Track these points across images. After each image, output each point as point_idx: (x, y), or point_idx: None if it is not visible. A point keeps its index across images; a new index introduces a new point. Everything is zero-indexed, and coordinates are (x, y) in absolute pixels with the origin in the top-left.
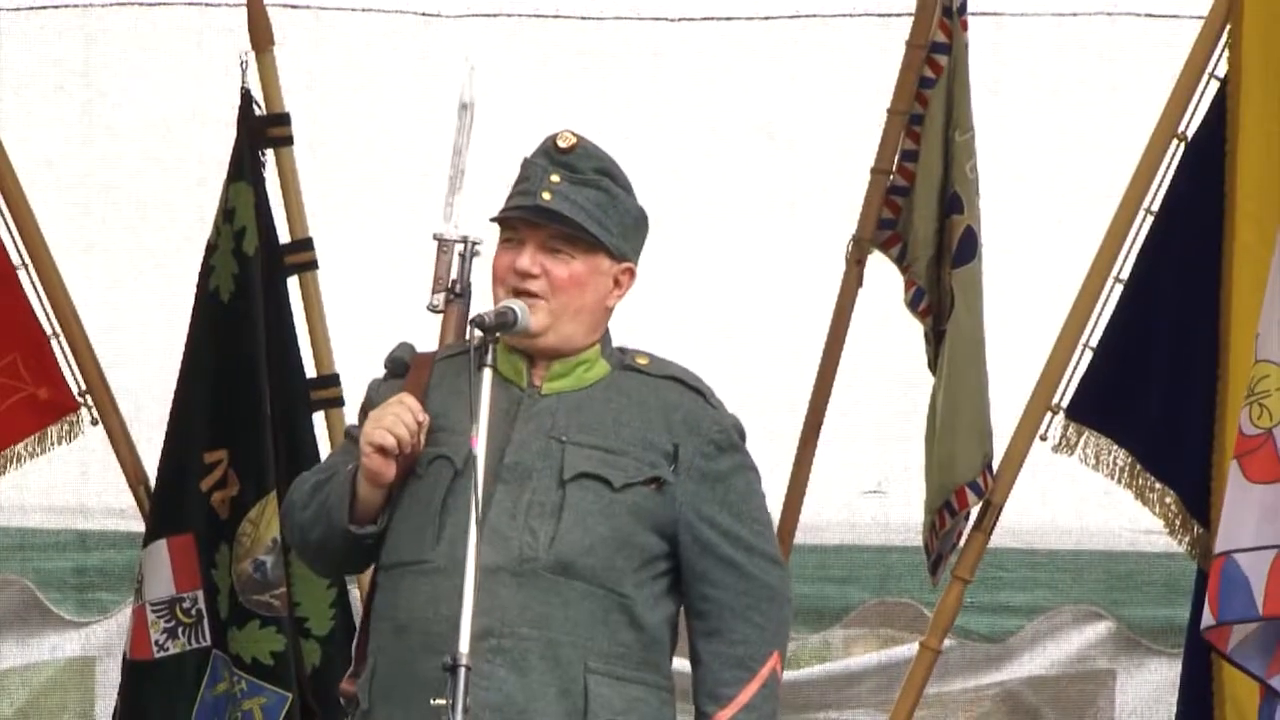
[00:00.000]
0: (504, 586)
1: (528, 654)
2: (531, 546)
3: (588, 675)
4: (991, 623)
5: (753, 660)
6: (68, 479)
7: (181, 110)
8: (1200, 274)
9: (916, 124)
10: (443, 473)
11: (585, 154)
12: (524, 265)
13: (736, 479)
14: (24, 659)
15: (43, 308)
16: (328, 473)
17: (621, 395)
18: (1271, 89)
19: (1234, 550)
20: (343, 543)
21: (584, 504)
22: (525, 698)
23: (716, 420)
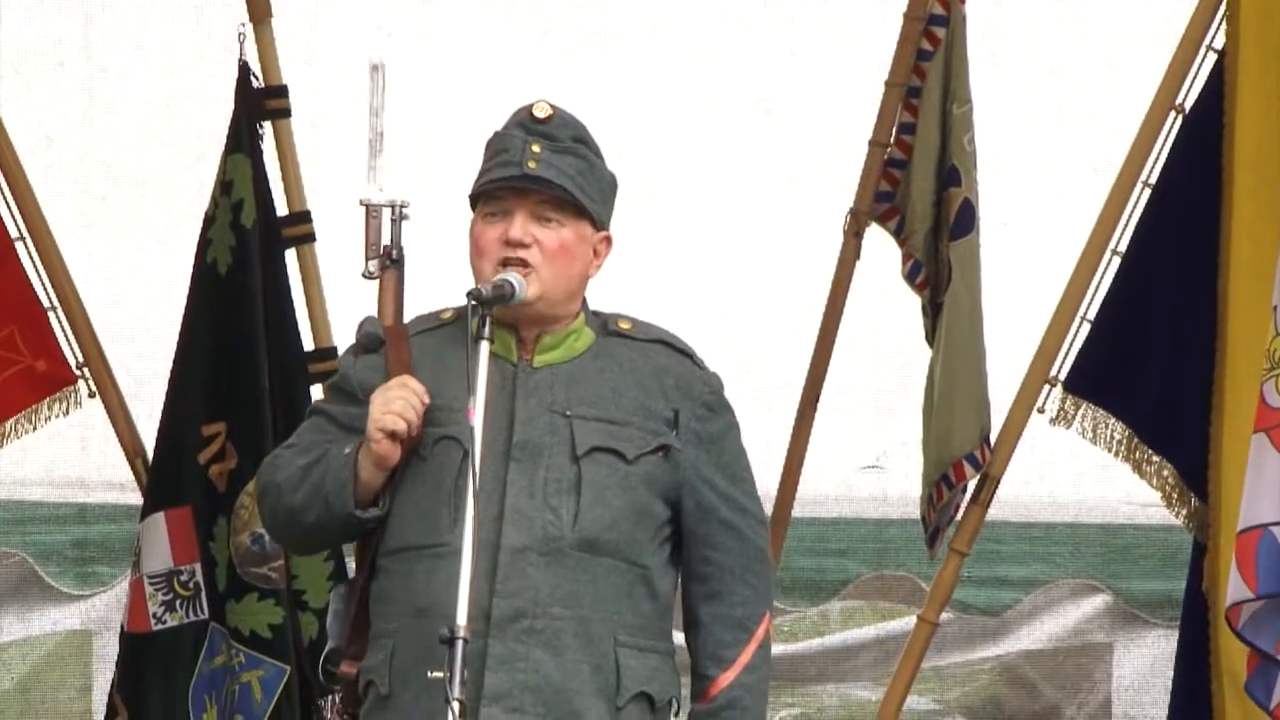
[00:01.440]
0: (532, 566)
1: (561, 633)
2: (556, 525)
3: (617, 649)
4: (989, 596)
5: (750, 621)
6: (68, 453)
7: (181, 85)
8: (1198, 247)
9: (914, 97)
10: (451, 454)
11: (563, 123)
12: (516, 235)
13: (728, 440)
14: (23, 632)
15: (40, 281)
16: (312, 455)
17: (613, 363)
18: (1270, 61)
19: (1268, 524)
20: (340, 525)
21: (600, 478)
22: (562, 677)
23: (705, 381)
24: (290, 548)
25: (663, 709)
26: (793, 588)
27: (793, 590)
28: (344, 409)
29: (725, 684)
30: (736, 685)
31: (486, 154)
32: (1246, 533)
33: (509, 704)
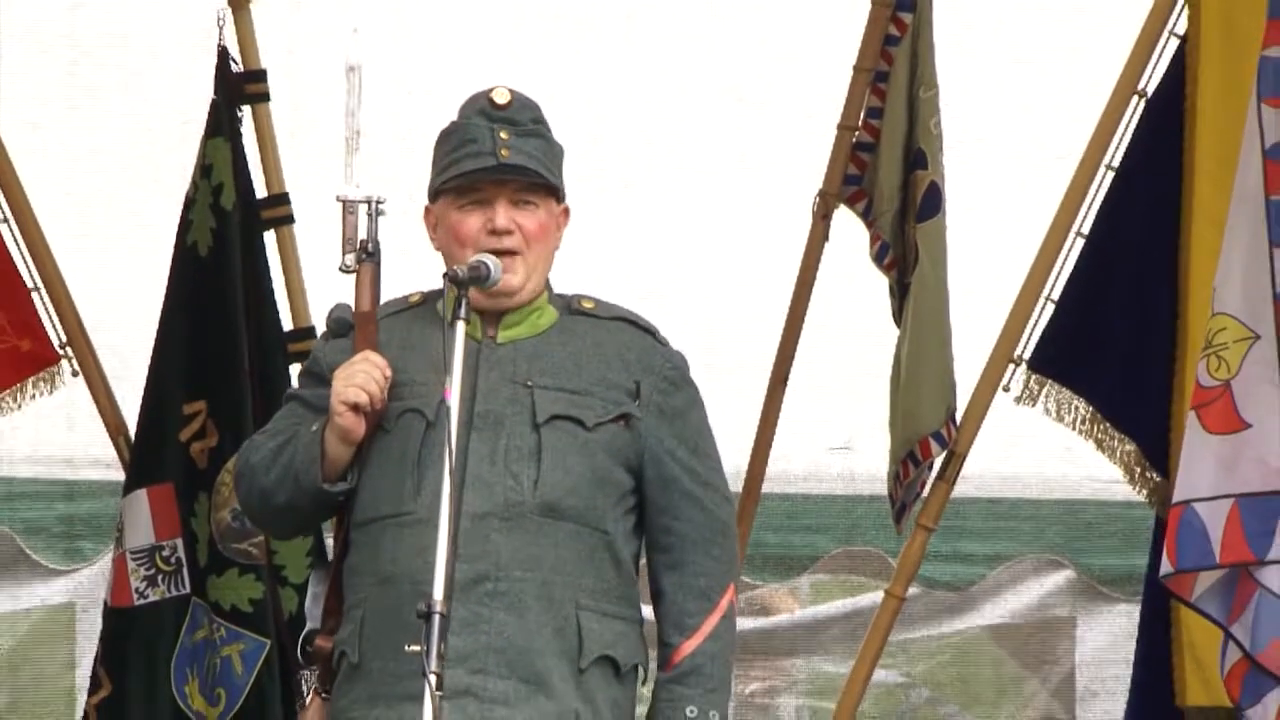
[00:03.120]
0: (494, 532)
1: (523, 595)
2: (516, 491)
3: (579, 612)
4: (954, 571)
5: (713, 591)
6: (55, 431)
7: (162, 70)
8: (1159, 229)
9: (882, 81)
10: (414, 426)
11: (522, 105)
12: (503, 224)
13: (691, 414)
14: (9, 606)
15: (24, 262)
16: (284, 436)
17: (575, 338)
18: (1230, 47)
19: (1193, 499)
20: (312, 502)
21: (560, 445)
22: (525, 638)
23: (668, 357)
24: (268, 530)
25: (628, 674)
26: (763, 564)
27: (763, 566)
28: (315, 391)
29: (688, 651)
30: (699, 653)
31: (448, 145)
32: (1175, 507)
33: (473, 665)
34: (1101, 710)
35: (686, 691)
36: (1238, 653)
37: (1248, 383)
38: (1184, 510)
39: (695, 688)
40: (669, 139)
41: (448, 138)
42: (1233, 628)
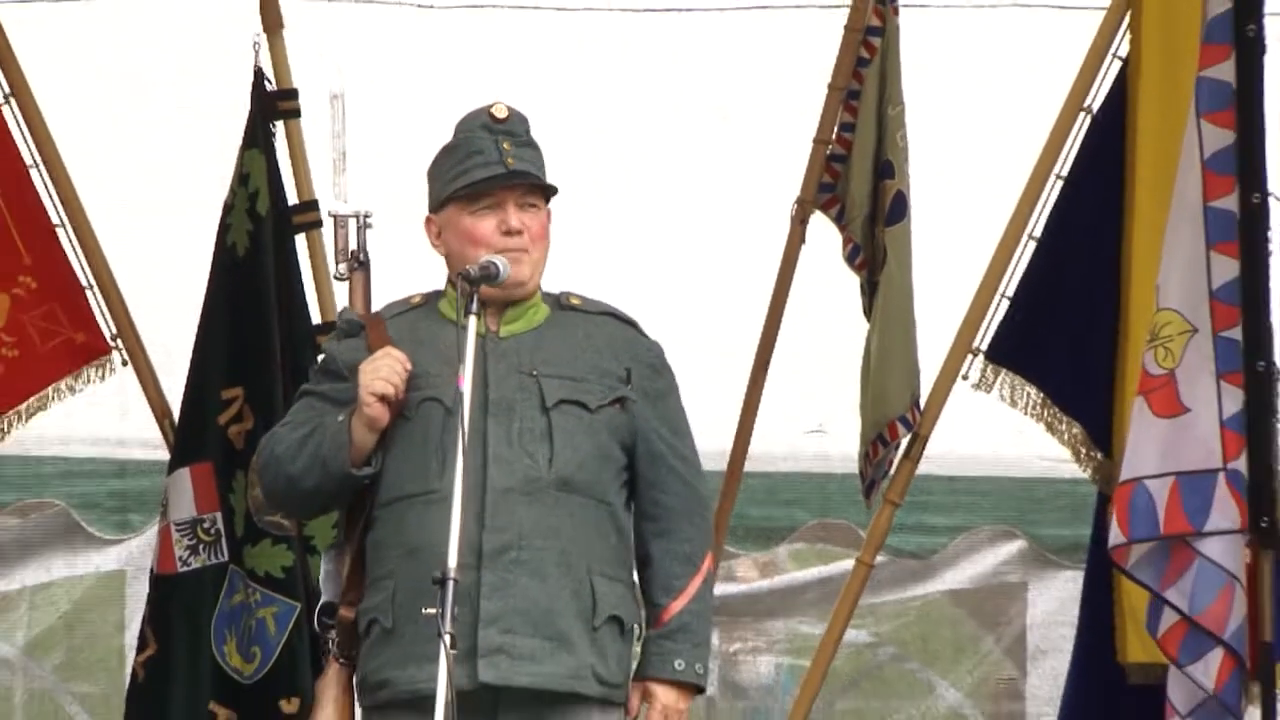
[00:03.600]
0: (518, 505)
1: (544, 563)
2: (534, 468)
3: (592, 577)
4: (918, 541)
5: (696, 557)
6: (107, 416)
7: (204, 88)
8: (1103, 232)
9: (853, 99)
10: (434, 413)
11: (517, 119)
12: (516, 224)
13: (671, 398)
14: (66, 573)
15: (79, 262)
16: (306, 428)
17: (568, 331)
18: (1168, 68)
19: (1142, 477)
20: (338, 486)
21: (568, 426)
22: (547, 601)
23: (649, 347)
24: (290, 513)
25: (629, 632)
26: (746, 535)
27: (745, 537)
28: (332, 386)
29: (676, 610)
30: (686, 612)
31: (453, 158)
32: (1124, 484)
33: (503, 626)
34: (1050, 667)
35: (675, 646)
36: (1174, 615)
37: (1189, 371)
38: (1134, 487)
39: (683, 643)
40: (663, 152)
41: (452, 152)
42: (1167, 593)
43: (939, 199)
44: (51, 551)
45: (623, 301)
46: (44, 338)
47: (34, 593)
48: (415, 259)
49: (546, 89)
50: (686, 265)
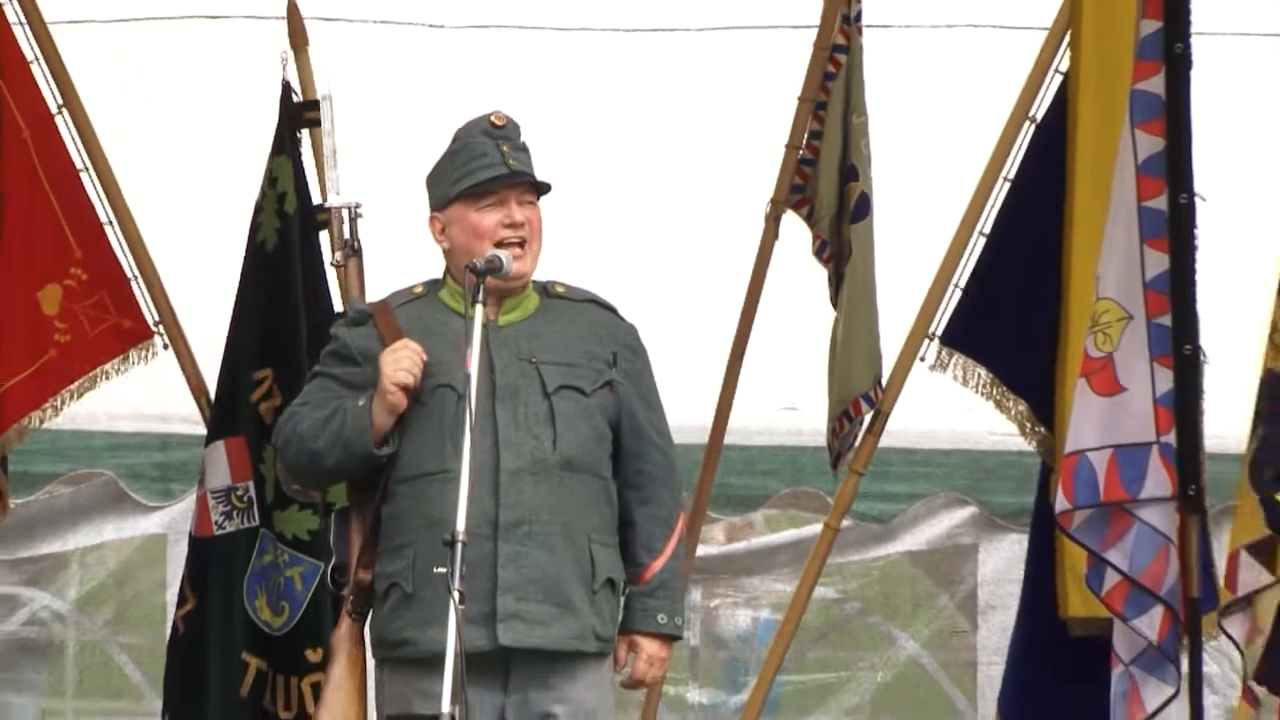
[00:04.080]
0: (527, 484)
1: (552, 536)
2: (540, 450)
3: (591, 545)
4: (880, 507)
5: (671, 519)
6: (150, 394)
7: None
8: (1046, 229)
9: (821, 109)
10: (447, 399)
11: (513, 126)
12: (519, 218)
13: (647, 376)
14: (114, 536)
15: (125, 256)
16: (326, 409)
17: (559, 319)
18: (1104, 81)
19: (1084, 449)
20: (359, 464)
21: (568, 410)
22: (556, 570)
23: (627, 330)
24: (309, 485)
25: (619, 590)
26: (725, 502)
27: (725, 504)
28: (346, 370)
29: (657, 569)
30: (665, 570)
31: (457, 160)
32: (1069, 456)
33: (518, 594)
34: (998, 620)
35: (657, 603)
36: (1116, 575)
37: (1125, 354)
38: (1078, 459)
39: (664, 599)
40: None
41: (454, 156)
42: (1109, 554)
43: (899, 199)
44: (101, 517)
45: (615, 292)
46: (93, 324)
47: (84, 554)
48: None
49: (546, 100)
50: (671, 259)
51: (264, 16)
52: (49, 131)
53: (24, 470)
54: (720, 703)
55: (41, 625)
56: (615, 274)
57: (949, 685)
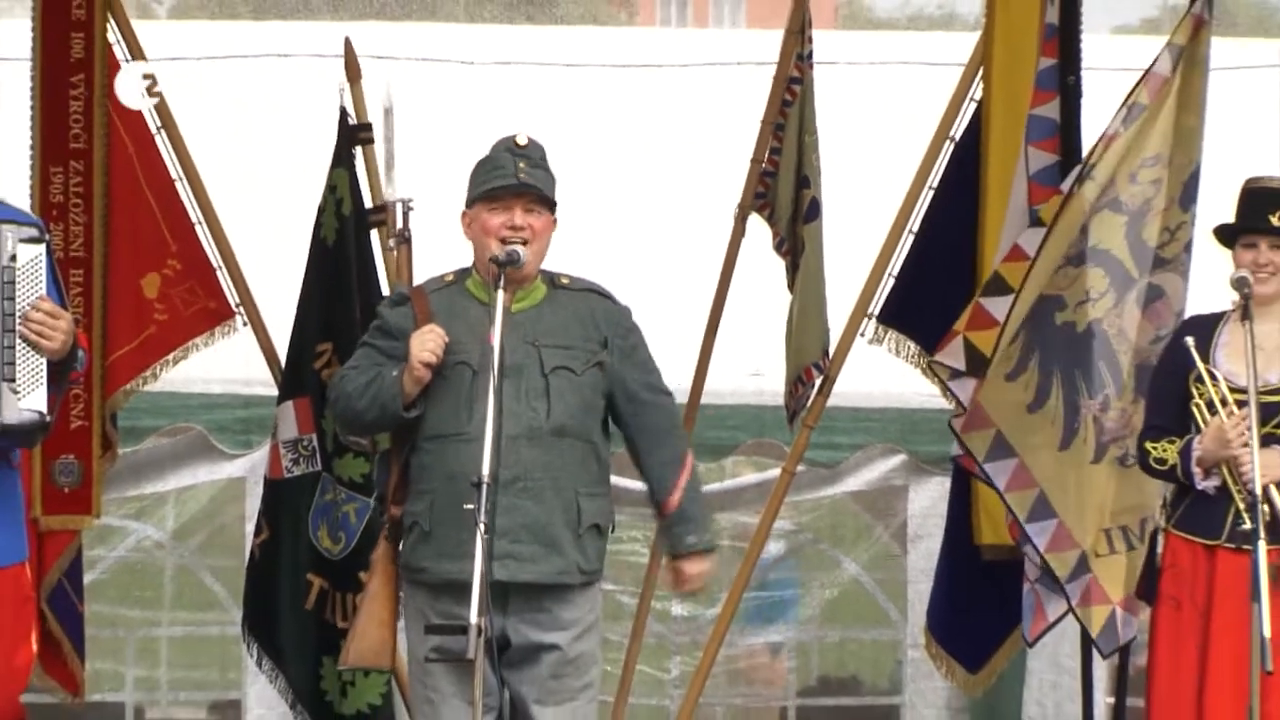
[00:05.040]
0: (523, 448)
1: (543, 490)
2: (535, 419)
3: (578, 497)
4: (828, 455)
5: (678, 459)
6: (234, 362)
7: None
8: (963, 227)
9: (780, 130)
10: (464, 374)
11: (534, 147)
12: (519, 221)
13: (640, 348)
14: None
15: (211, 249)
16: (369, 374)
17: (561, 307)
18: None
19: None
20: (391, 421)
21: (561, 386)
22: (545, 517)
23: (621, 312)
24: (353, 434)
25: (605, 531)
26: (702, 449)
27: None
28: (387, 343)
29: (675, 503)
30: (683, 501)
31: (483, 170)
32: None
33: (511, 538)
34: (925, 547)
35: (682, 529)
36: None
37: None
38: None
39: (687, 524)
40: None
41: (483, 164)
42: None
43: (843, 203)
44: (194, 462)
45: (614, 278)
46: (185, 306)
47: (179, 494)
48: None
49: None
50: (658, 251)
51: (325, 55)
52: (150, 148)
53: (130, 425)
54: (698, 614)
55: (144, 552)
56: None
57: (885, 600)
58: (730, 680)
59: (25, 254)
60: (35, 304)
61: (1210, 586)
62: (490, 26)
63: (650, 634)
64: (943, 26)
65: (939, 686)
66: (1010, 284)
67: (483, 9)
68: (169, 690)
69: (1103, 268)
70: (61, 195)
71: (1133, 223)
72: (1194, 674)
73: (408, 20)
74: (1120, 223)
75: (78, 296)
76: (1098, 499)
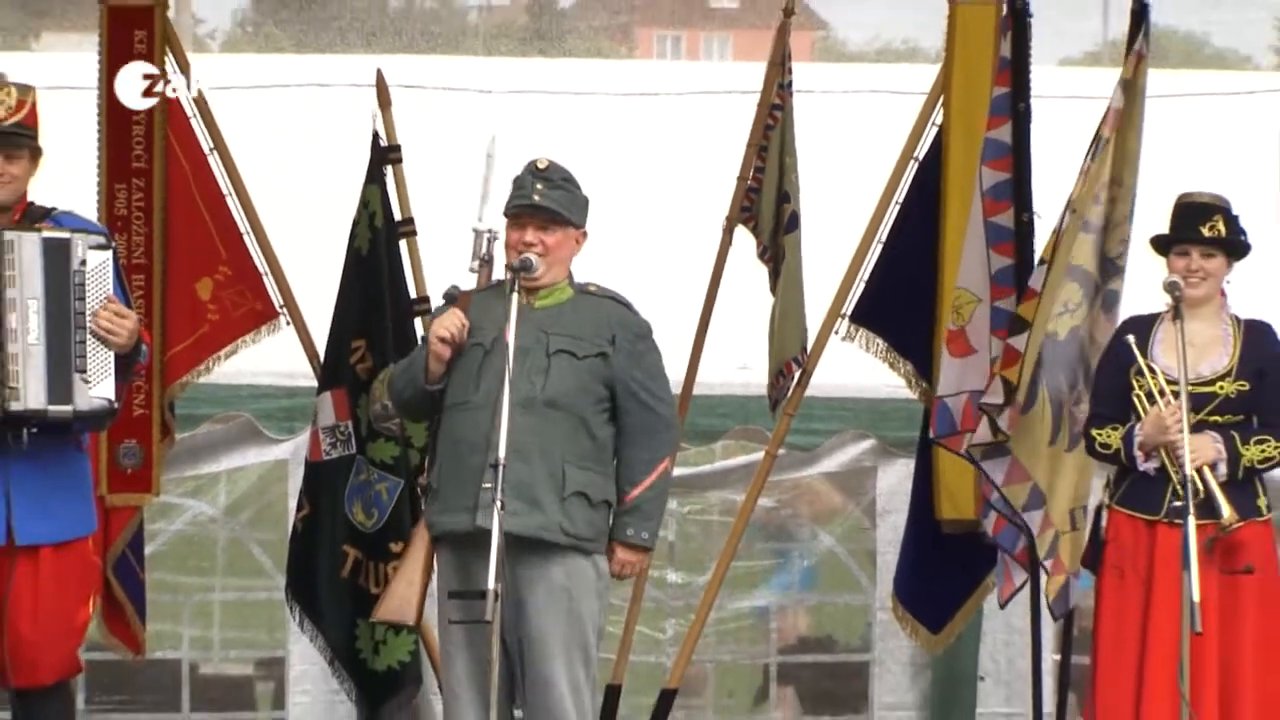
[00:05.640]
0: (518, 415)
1: (531, 455)
2: (531, 391)
3: (564, 465)
4: (806, 439)
5: (653, 460)
6: (279, 357)
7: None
8: (926, 239)
9: (764, 151)
10: (476, 353)
11: (554, 169)
12: (528, 239)
13: (649, 356)
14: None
15: (258, 257)
16: (411, 359)
17: (581, 309)
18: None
19: (945, 395)
20: (422, 396)
21: (561, 366)
22: (530, 478)
23: (637, 322)
24: (403, 414)
25: (599, 505)
26: (694, 434)
27: (694, 437)
28: None
29: (633, 496)
30: (640, 498)
31: (512, 189)
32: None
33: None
34: (891, 521)
35: (630, 520)
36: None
37: (975, 327)
38: (940, 402)
39: (636, 518)
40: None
41: (513, 183)
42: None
43: (820, 216)
44: (243, 446)
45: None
46: (235, 307)
47: (230, 474)
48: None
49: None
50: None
51: (359, 85)
52: (203, 167)
53: (187, 413)
54: (691, 581)
55: (199, 526)
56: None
57: (856, 569)
58: (719, 640)
59: (94, 259)
60: (104, 304)
61: (1151, 557)
62: (505, 59)
63: (648, 599)
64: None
65: (904, 645)
66: (1027, 320)
67: (499, 44)
68: (221, 649)
69: (1077, 282)
70: (125, 209)
71: (1097, 238)
72: (1136, 635)
73: (433, 54)
74: (1090, 240)
75: (139, 299)
76: (1070, 482)
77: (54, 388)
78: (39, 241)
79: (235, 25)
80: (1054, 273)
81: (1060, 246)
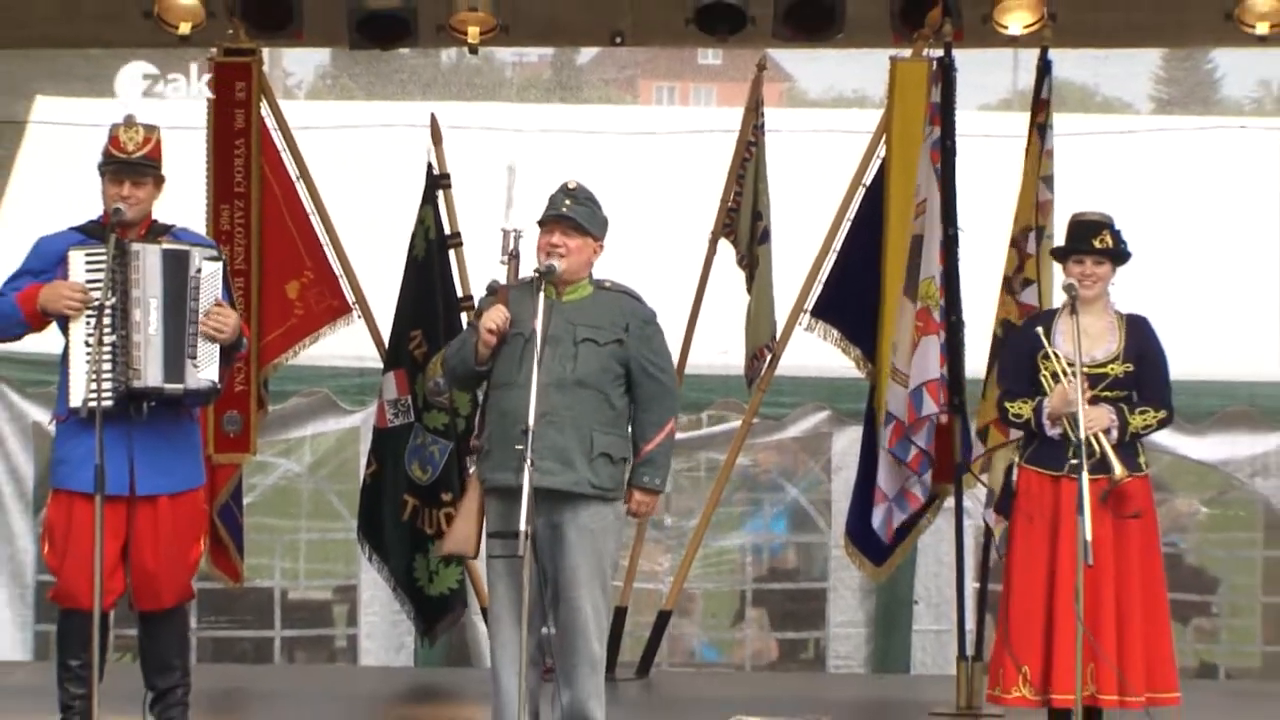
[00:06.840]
0: (553, 393)
1: (564, 425)
2: (563, 373)
3: (592, 432)
4: (775, 411)
5: (661, 421)
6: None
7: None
8: (873, 248)
9: (741, 179)
10: (518, 341)
11: (580, 190)
12: (555, 241)
13: (655, 338)
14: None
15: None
16: (462, 340)
17: (599, 303)
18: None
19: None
20: (471, 374)
21: (586, 352)
22: (565, 445)
23: (645, 310)
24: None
25: (619, 461)
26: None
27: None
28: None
29: (647, 451)
30: (653, 451)
31: (546, 204)
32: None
33: (538, 455)
34: (844, 476)
35: (645, 470)
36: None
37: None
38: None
39: (650, 468)
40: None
41: (548, 199)
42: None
43: (787, 230)
44: (324, 415)
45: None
46: (316, 304)
47: (313, 438)
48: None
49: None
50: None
51: (416, 125)
52: (291, 190)
53: (278, 389)
54: (682, 524)
55: (289, 480)
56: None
57: (815, 515)
58: (705, 571)
59: (208, 268)
60: (213, 306)
61: (1056, 506)
62: (534, 105)
63: (649, 537)
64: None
65: (854, 575)
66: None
67: (528, 93)
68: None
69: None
70: (228, 225)
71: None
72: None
73: (476, 100)
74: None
75: (240, 298)
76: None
77: (169, 370)
78: (159, 252)
79: (317, 78)
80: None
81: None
